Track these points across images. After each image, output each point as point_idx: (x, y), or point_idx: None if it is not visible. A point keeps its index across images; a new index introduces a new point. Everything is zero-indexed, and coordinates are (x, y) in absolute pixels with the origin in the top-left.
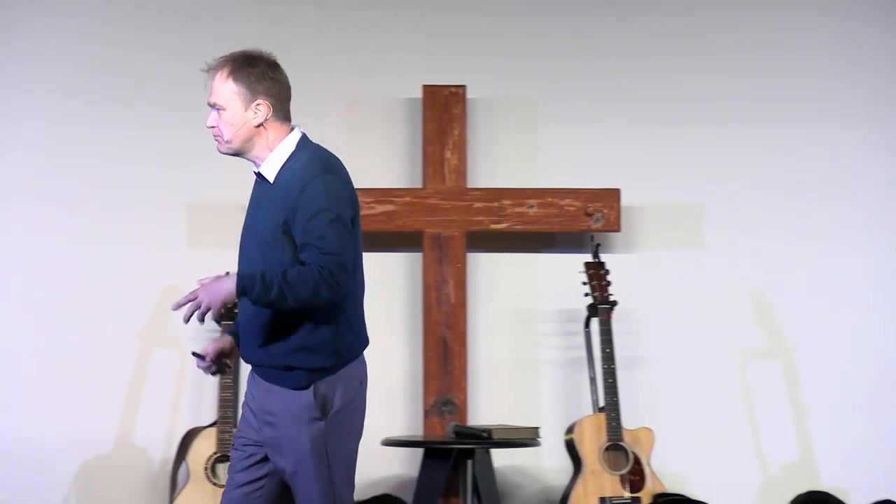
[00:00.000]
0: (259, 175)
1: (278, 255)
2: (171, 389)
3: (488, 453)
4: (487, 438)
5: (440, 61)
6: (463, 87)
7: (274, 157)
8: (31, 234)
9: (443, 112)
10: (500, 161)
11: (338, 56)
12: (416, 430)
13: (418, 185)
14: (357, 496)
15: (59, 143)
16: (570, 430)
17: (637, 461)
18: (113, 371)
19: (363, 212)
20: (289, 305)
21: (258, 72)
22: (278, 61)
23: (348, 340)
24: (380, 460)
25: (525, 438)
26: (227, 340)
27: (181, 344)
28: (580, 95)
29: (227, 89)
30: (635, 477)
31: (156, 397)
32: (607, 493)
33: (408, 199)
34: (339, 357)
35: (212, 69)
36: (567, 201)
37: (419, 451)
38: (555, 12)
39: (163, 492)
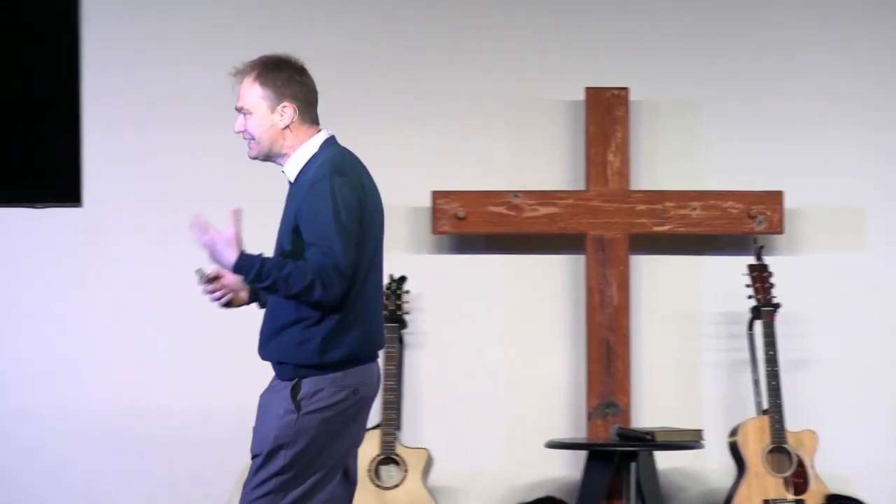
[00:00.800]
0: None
1: (291, 252)
2: None
3: (652, 455)
4: (651, 441)
5: (603, 64)
6: (626, 89)
7: (296, 157)
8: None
9: (605, 114)
10: (662, 163)
11: (501, 58)
12: (579, 432)
13: (581, 187)
14: (520, 498)
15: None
16: (733, 432)
17: (800, 464)
18: (269, 375)
19: (527, 213)
20: (280, 295)
21: (285, 76)
22: (304, 65)
23: (347, 345)
24: (543, 463)
25: (688, 441)
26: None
27: None
28: (742, 96)
29: (253, 93)
30: (799, 479)
31: None
32: (771, 496)
33: (570, 201)
34: (329, 357)
35: (239, 73)
36: (730, 203)
37: (582, 454)
38: (716, 13)
39: None
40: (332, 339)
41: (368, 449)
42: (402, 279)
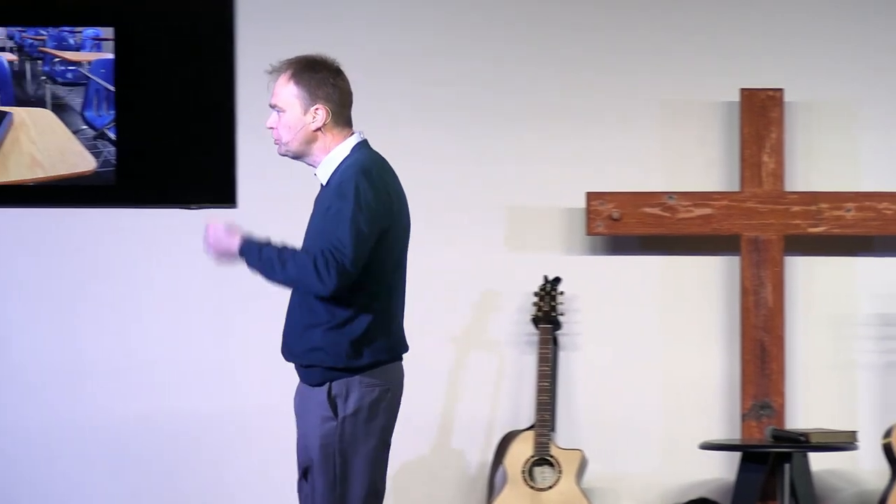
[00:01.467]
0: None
1: None
2: (489, 393)
3: (806, 457)
4: (805, 442)
5: (758, 64)
6: (780, 90)
7: (329, 160)
8: None
9: (760, 115)
10: (817, 164)
11: (656, 59)
12: (733, 433)
13: (735, 188)
14: (674, 499)
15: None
16: (887, 434)
17: None
18: (430, 374)
19: (681, 215)
20: (277, 280)
21: (320, 77)
22: (342, 68)
23: (377, 346)
24: (697, 464)
25: (842, 442)
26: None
27: (499, 348)
28: None
29: (287, 92)
30: None
31: (473, 401)
32: None
33: (725, 202)
34: (358, 360)
35: (275, 71)
36: (885, 205)
37: (736, 455)
38: (871, 13)
39: (480, 495)
40: (361, 341)
41: (522, 450)
42: (557, 280)
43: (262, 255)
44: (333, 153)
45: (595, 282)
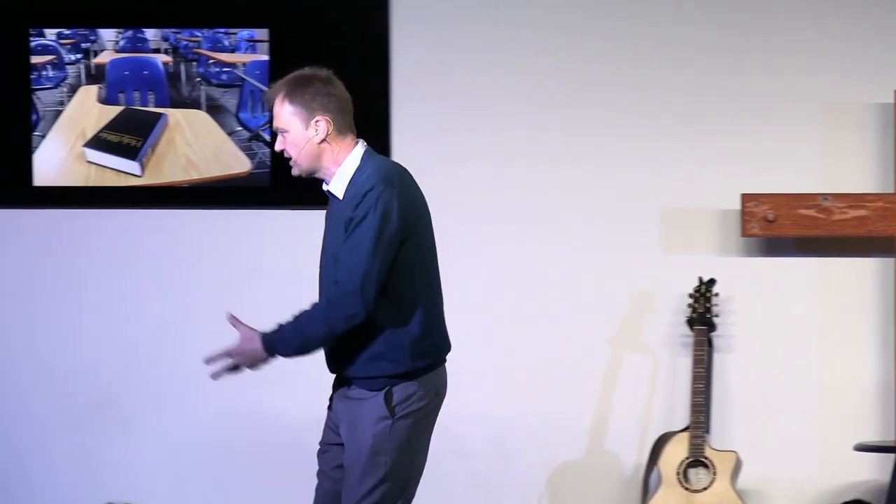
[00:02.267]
0: (329, 193)
1: None
2: (643, 395)
3: None
4: None
5: None
6: None
7: (341, 172)
8: (510, 236)
9: None
10: None
11: (811, 61)
12: (888, 435)
13: (890, 189)
14: (829, 501)
15: (541, 147)
16: None
17: None
18: (584, 376)
19: (835, 216)
20: (316, 346)
21: (312, 90)
22: (332, 75)
23: (430, 349)
24: (852, 466)
25: None
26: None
27: (653, 350)
28: None
29: (285, 112)
30: None
31: (628, 402)
32: None
33: (880, 204)
34: (420, 364)
35: (270, 96)
36: None
37: (891, 457)
38: None
39: (635, 497)
40: (417, 346)
41: (677, 451)
42: (712, 282)
43: (287, 339)
44: (345, 165)
45: (750, 283)
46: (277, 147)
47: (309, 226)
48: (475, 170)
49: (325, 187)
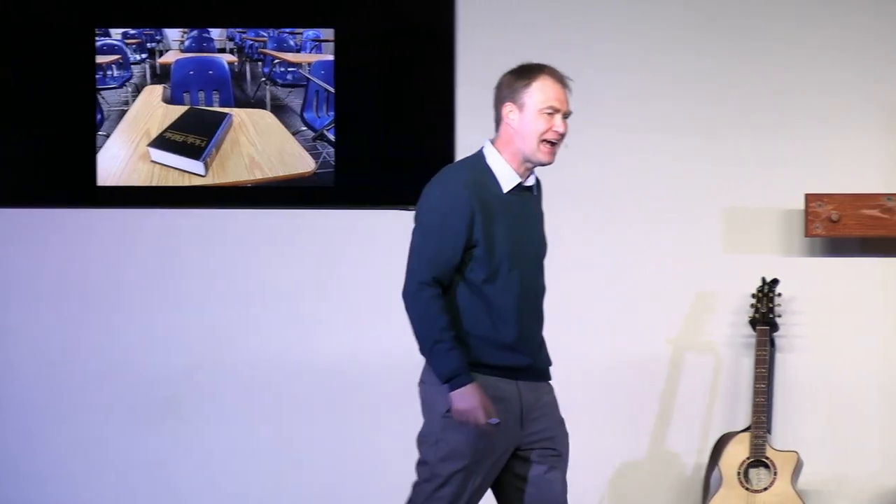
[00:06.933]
0: (521, 187)
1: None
2: (705, 394)
3: None
4: None
5: None
6: None
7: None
8: (573, 235)
9: None
10: None
11: (876, 60)
12: None
13: None
14: (891, 501)
15: (605, 147)
16: None
17: None
18: (645, 376)
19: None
20: (425, 335)
21: None
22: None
23: (478, 349)
24: None
25: None
26: None
27: (716, 349)
28: None
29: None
30: None
31: (689, 402)
32: None
33: None
34: (470, 360)
35: (567, 81)
36: None
37: None
38: None
39: (696, 496)
40: (469, 344)
41: (738, 451)
42: (775, 282)
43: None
44: None
45: (813, 284)
46: (565, 130)
47: (372, 226)
48: (538, 167)
49: (527, 183)
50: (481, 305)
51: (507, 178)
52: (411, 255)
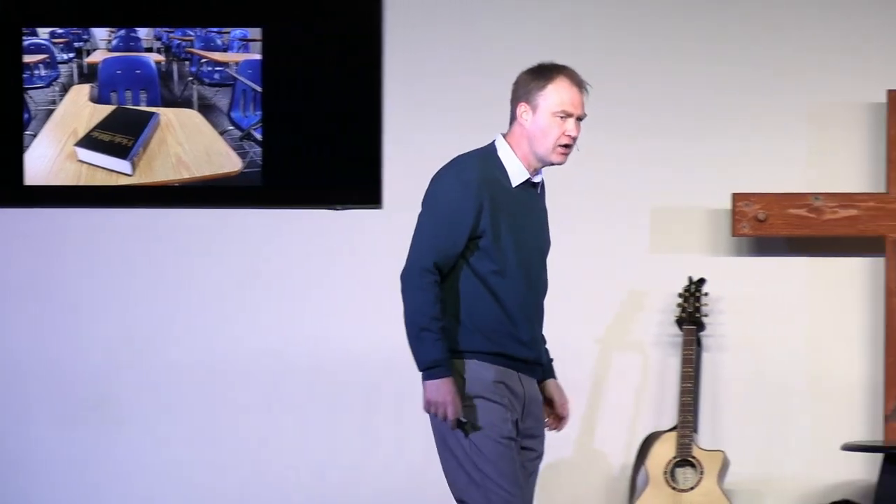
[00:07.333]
0: (529, 183)
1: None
2: (632, 394)
3: None
4: None
5: None
6: None
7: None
8: None
9: None
10: None
11: (803, 60)
12: (876, 435)
13: (882, 189)
14: (816, 501)
15: None
16: None
17: None
18: (572, 375)
19: (827, 216)
20: (414, 320)
21: None
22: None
23: (463, 336)
24: (840, 466)
25: None
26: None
27: (643, 348)
28: None
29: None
30: None
31: (616, 402)
32: None
33: (871, 203)
34: (456, 346)
35: (586, 85)
36: None
37: (879, 457)
38: None
39: (622, 496)
40: (454, 331)
41: (665, 451)
42: (702, 281)
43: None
44: None
45: (740, 283)
46: (577, 133)
47: (299, 226)
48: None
49: (535, 179)
50: (489, 297)
51: (517, 173)
52: (416, 238)
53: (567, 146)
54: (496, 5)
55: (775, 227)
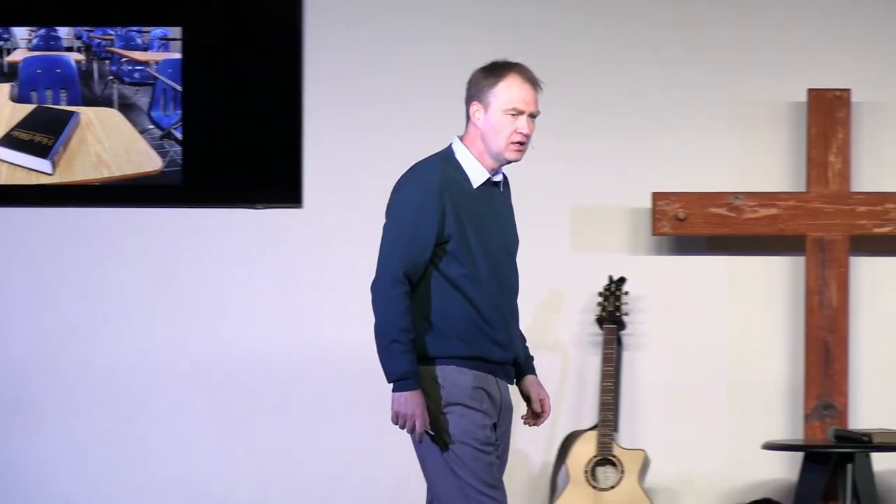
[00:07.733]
0: (490, 182)
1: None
2: (552, 393)
3: (868, 457)
4: (868, 443)
5: (825, 65)
6: (848, 90)
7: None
8: None
9: (827, 116)
10: (883, 165)
11: (723, 59)
12: (796, 433)
13: (802, 188)
14: (737, 499)
15: (445, 145)
16: None
17: None
18: None
19: (747, 215)
20: (385, 331)
21: None
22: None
23: (440, 342)
24: (760, 464)
25: None
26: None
27: (563, 347)
28: None
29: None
30: None
31: None
32: None
33: (791, 202)
34: (425, 353)
35: (539, 82)
36: None
37: (799, 455)
38: None
39: (543, 495)
40: (425, 336)
41: (585, 450)
42: (622, 280)
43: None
44: None
45: (660, 282)
46: (531, 131)
47: (220, 225)
48: (385, 165)
49: (495, 178)
50: (462, 300)
51: (477, 174)
52: (383, 249)
53: (521, 143)
54: (416, 5)
55: (695, 226)
